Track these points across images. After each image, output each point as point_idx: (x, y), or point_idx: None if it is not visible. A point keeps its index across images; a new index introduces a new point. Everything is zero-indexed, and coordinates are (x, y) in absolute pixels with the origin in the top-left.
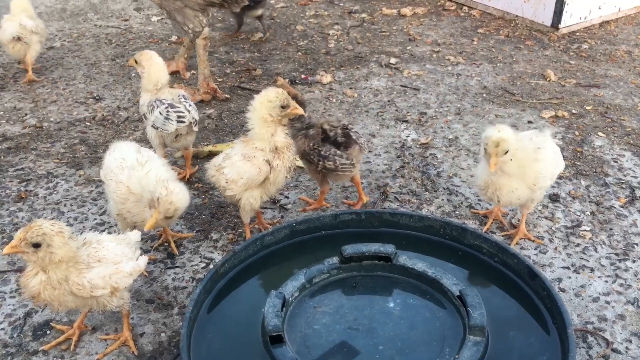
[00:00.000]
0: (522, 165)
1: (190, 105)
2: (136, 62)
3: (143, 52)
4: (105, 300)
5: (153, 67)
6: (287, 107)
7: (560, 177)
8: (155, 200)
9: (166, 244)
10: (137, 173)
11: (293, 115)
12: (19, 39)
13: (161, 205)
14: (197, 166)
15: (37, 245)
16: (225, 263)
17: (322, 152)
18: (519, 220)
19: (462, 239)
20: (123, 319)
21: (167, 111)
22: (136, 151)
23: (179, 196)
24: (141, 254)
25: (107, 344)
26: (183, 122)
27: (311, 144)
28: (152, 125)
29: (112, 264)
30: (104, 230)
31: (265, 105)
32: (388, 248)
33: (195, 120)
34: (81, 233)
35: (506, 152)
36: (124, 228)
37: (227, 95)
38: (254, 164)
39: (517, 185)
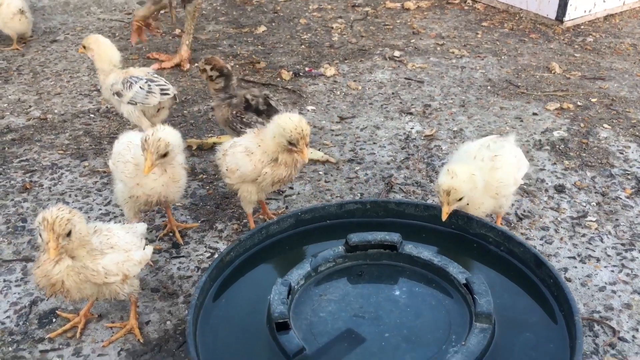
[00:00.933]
0: (483, 176)
1: (164, 80)
2: (84, 47)
3: (88, 36)
4: (117, 287)
5: (102, 47)
6: (295, 144)
7: (565, 169)
8: (144, 142)
9: (171, 234)
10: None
11: (297, 154)
12: (22, 12)
13: (151, 145)
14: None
15: (69, 234)
16: (231, 251)
17: (244, 119)
18: (524, 211)
19: (468, 228)
20: (131, 306)
21: (149, 85)
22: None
23: (166, 132)
24: (147, 244)
25: (113, 332)
26: (167, 94)
27: (234, 112)
28: (130, 102)
29: (123, 251)
30: (109, 221)
31: (277, 128)
32: (394, 236)
33: (176, 92)
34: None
35: (461, 199)
36: (131, 215)
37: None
38: (251, 160)
39: (482, 200)
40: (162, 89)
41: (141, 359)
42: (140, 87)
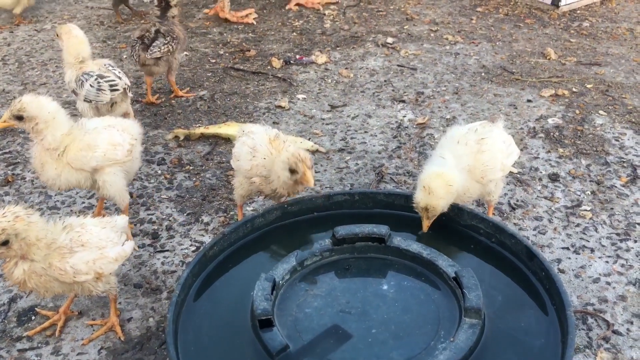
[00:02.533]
0: (467, 161)
1: (119, 72)
2: (57, 35)
3: (63, 25)
4: (90, 286)
5: (71, 40)
6: (296, 172)
7: (560, 157)
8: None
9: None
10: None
11: (301, 183)
12: None
13: (11, 105)
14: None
15: (5, 243)
16: (215, 246)
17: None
18: (517, 201)
19: (459, 219)
20: (110, 303)
21: (98, 82)
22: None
23: (29, 98)
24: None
25: (94, 329)
26: (117, 89)
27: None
28: (84, 100)
29: (96, 248)
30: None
31: (278, 163)
32: (382, 229)
33: (128, 85)
34: (68, 217)
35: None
36: (123, 201)
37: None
38: (250, 159)
39: (467, 185)
40: (111, 85)
41: (122, 357)
42: (90, 84)
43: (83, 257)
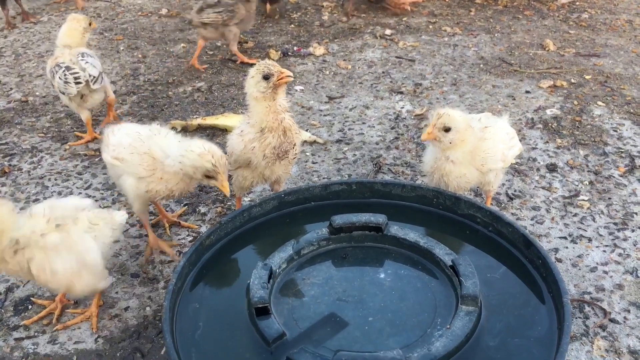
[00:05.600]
0: (469, 146)
1: (87, 62)
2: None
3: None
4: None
5: (66, 25)
6: (271, 76)
7: (558, 147)
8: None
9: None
10: (156, 139)
11: (282, 83)
12: None
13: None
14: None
15: None
16: (211, 235)
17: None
18: (515, 191)
19: (456, 208)
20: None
21: (65, 75)
22: (143, 126)
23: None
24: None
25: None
26: (80, 82)
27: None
28: (60, 92)
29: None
30: None
31: (249, 82)
32: (379, 218)
33: (93, 76)
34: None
35: (447, 130)
36: (142, 210)
37: None
38: (242, 140)
39: (465, 171)
40: (75, 77)
41: (119, 346)
42: (59, 77)
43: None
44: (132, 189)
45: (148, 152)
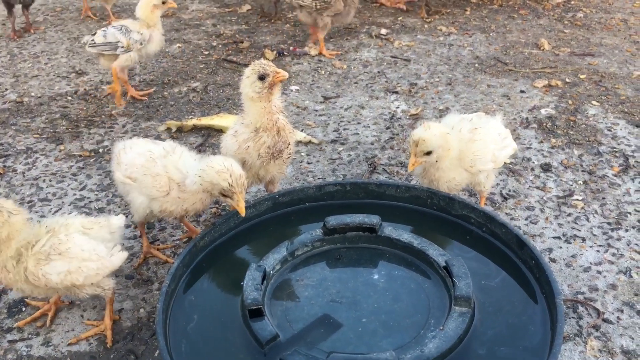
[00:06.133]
0: (454, 151)
1: (105, 30)
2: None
3: None
4: (76, 290)
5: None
6: (266, 76)
7: (552, 147)
8: None
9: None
10: (172, 158)
11: (276, 82)
12: None
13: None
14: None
15: None
16: (205, 236)
17: None
18: (509, 191)
19: (450, 209)
20: (106, 305)
21: (93, 34)
22: (155, 143)
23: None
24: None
25: (85, 325)
26: (93, 45)
27: None
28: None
29: (76, 259)
30: (83, 206)
31: (244, 82)
32: (373, 219)
33: (93, 40)
34: (59, 210)
35: (429, 153)
36: (142, 222)
37: None
38: (236, 140)
39: (453, 174)
40: (91, 40)
41: (113, 348)
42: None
43: (57, 267)
44: (142, 208)
45: (162, 173)
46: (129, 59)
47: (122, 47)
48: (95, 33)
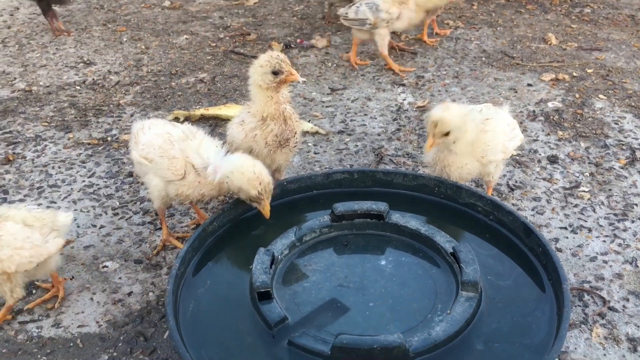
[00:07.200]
0: (471, 135)
1: (359, 5)
2: None
3: None
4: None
5: None
6: (280, 73)
7: (559, 139)
8: None
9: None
10: (191, 143)
11: (287, 82)
12: None
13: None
14: None
15: None
16: (214, 221)
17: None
18: (516, 182)
19: (457, 197)
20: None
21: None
22: (174, 125)
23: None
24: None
25: (98, 303)
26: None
27: None
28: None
29: (7, 247)
30: (92, 193)
31: (256, 70)
32: (380, 206)
33: (346, 13)
34: (68, 196)
35: (447, 134)
36: (163, 208)
37: None
38: (243, 129)
39: (466, 161)
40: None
41: (122, 330)
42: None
43: None
44: (158, 190)
45: (179, 156)
46: (380, 36)
47: (370, 24)
48: (351, 5)
